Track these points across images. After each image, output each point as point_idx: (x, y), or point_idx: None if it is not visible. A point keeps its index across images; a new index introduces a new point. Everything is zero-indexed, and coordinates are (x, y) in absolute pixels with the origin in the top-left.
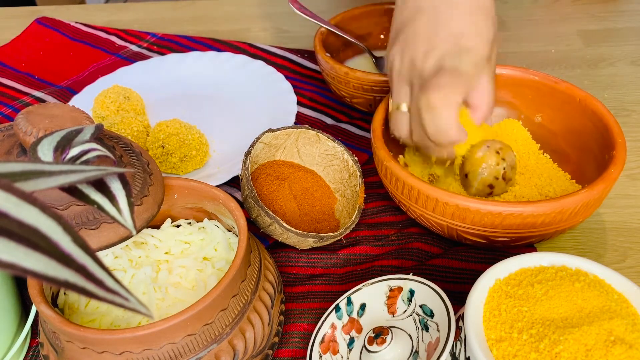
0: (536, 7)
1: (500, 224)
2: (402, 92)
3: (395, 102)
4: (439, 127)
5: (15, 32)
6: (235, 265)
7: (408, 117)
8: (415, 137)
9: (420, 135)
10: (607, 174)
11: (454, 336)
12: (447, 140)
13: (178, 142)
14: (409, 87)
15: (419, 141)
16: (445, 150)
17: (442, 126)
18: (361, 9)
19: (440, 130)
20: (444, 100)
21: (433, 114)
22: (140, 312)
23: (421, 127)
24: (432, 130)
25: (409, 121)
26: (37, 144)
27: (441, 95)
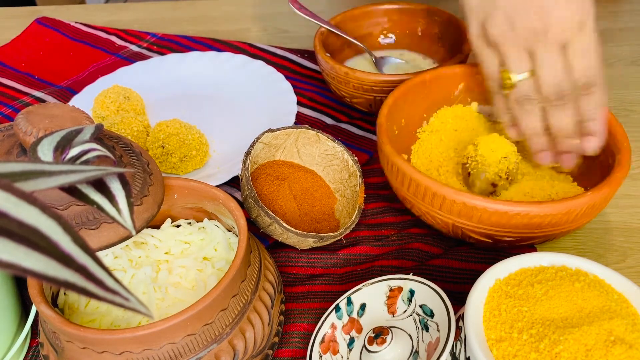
0: None
1: (506, 224)
2: (524, 59)
3: (516, 71)
4: (595, 58)
5: (15, 32)
6: (235, 265)
7: (534, 81)
8: (555, 90)
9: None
10: (612, 177)
11: (454, 336)
12: (597, 76)
13: (178, 142)
14: (529, 54)
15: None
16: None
17: (596, 57)
18: (361, 9)
19: (597, 63)
20: (594, 45)
21: (589, 49)
22: (140, 311)
23: (565, 74)
24: (589, 63)
25: (534, 86)
26: (37, 144)
27: (592, 43)
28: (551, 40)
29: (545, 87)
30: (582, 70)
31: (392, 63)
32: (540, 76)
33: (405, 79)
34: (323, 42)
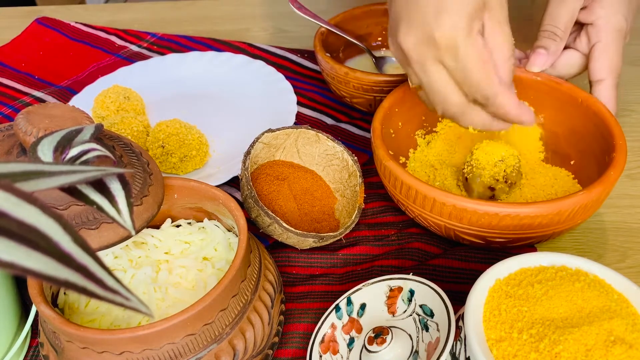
0: (536, 7)
1: (497, 225)
2: (412, 76)
3: (413, 84)
4: (478, 71)
5: (15, 32)
6: (235, 265)
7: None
8: (440, 109)
9: (446, 102)
10: (606, 176)
11: (454, 336)
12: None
13: (178, 142)
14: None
15: (445, 113)
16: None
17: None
18: (361, 9)
19: (483, 75)
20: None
21: (465, 65)
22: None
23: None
24: (475, 78)
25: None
26: (37, 144)
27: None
28: (417, 59)
29: (431, 104)
30: (468, 87)
31: (392, 63)
32: (428, 94)
33: (405, 79)
34: (323, 42)
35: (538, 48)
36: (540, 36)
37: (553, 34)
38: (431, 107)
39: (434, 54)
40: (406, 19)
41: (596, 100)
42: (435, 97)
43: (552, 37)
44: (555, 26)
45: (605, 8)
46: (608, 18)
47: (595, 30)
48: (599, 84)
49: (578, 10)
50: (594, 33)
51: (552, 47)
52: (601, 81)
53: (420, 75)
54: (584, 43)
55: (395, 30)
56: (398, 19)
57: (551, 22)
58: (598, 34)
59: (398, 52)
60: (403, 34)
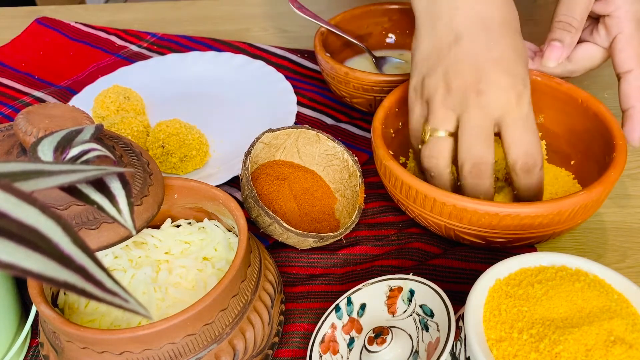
0: (536, 7)
1: (497, 225)
2: (448, 118)
3: (433, 127)
4: (530, 148)
5: (15, 32)
6: (235, 265)
7: (451, 143)
8: (469, 165)
9: (479, 160)
10: (606, 176)
11: (454, 336)
12: (538, 161)
13: (178, 142)
14: (456, 116)
15: (473, 170)
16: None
17: (534, 148)
18: (361, 9)
19: (536, 150)
20: (531, 120)
21: (528, 123)
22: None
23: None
24: (522, 153)
25: (452, 148)
26: (37, 144)
27: (530, 119)
28: (483, 105)
29: (461, 153)
30: (522, 148)
31: (392, 63)
32: (460, 139)
33: (405, 79)
34: (323, 42)
35: (553, 41)
36: (555, 28)
37: (568, 25)
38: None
39: (497, 108)
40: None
41: (596, 100)
42: (470, 146)
43: (568, 28)
44: (571, 16)
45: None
46: (628, 8)
47: (615, 21)
48: (628, 74)
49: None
50: (614, 24)
51: (567, 39)
52: (630, 72)
53: (465, 120)
54: (603, 36)
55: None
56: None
57: (566, 12)
58: (619, 25)
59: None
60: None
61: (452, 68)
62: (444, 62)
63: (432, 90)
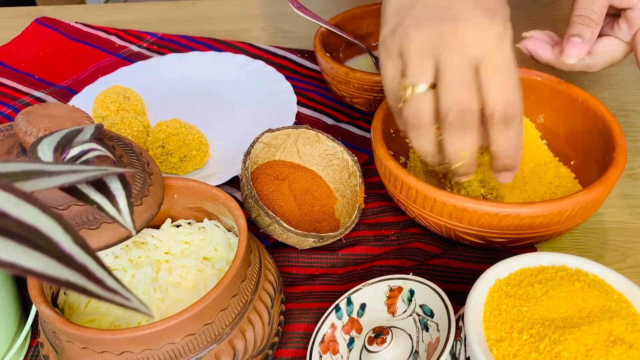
0: (536, 7)
1: (497, 225)
2: (425, 68)
3: (412, 82)
4: (510, 95)
5: (15, 32)
6: (235, 265)
7: (432, 98)
8: (454, 114)
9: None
10: (606, 176)
11: (454, 336)
12: (518, 111)
13: (178, 142)
14: (433, 64)
15: (458, 119)
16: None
17: (514, 95)
18: (361, 9)
19: (516, 98)
20: (513, 64)
21: (508, 70)
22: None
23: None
24: (501, 99)
25: (434, 104)
26: (37, 144)
27: (511, 63)
28: (460, 49)
29: (443, 103)
30: (501, 95)
31: None
32: (440, 89)
33: None
34: (323, 42)
35: (572, 37)
36: (574, 22)
37: (588, 19)
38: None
39: (475, 50)
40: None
41: (596, 101)
42: (453, 96)
43: (588, 22)
44: (590, 10)
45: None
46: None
47: (637, 13)
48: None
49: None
50: (637, 17)
51: (587, 34)
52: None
53: (444, 68)
54: (624, 29)
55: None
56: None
57: (586, 5)
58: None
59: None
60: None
61: (425, 12)
62: (416, 8)
63: (405, 40)
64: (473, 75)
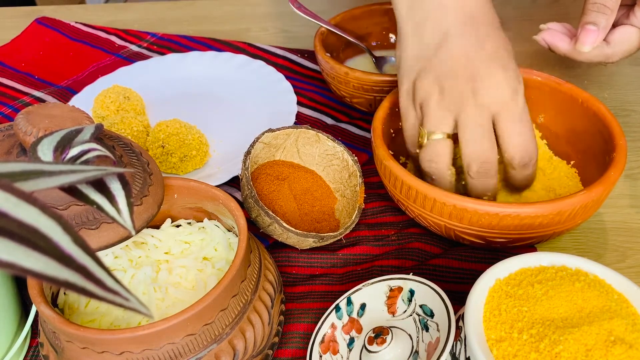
0: (536, 7)
1: (497, 225)
2: (444, 119)
3: (430, 130)
4: (527, 144)
5: (15, 32)
6: (235, 265)
7: (450, 145)
8: (476, 165)
9: (485, 159)
10: (606, 176)
11: (454, 336)
12: (534, 155)
13: (178, 142)
14: (453, 117)
15: (481, 169)
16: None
17: (531, 143)
18: (361, 9)
19: (532, 145)
20: (527, 115)
21: (523, 119)
22: (141, 311)
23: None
24: (520, 148)
25: (452, 150)
26: (37, 144)
27: (525, 113)
28: (480, 104)
29: (467, 155)
30: (519, 144)
31: (392, 63)
32: (463, 142)
33: None
34: (323, 42)
35: (587, 25)
36: (588, 10)
37: (603, 7)
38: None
39: (493, 104)
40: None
41: (596, 101)
42: (476, 149)
43: (603, 10)
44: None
45: None
46: None
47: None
48: None
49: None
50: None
51: (602, 22)
52: None
53: (466, 122)
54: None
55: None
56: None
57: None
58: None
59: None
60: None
61: (444, 68)
62: (434, 63)
63: (425, 93)
64: (491, 127)
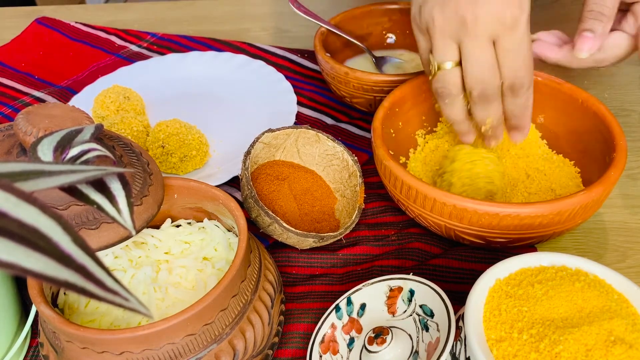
0: (536, 7)
1: (497, 225)
2: (449, 49)
3: (438, 61)
4: (520, 67)
5: (15, 32)
6: (235, 265)
7: (458, 71)
8: (477, 90)
9: (486, 85)
10: (606, 176)
11: (454, 336)
12: (526, 81)
13: (178, 142)
14: (456, 44)
15: (481, 93)
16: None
17: (528, 57)
18: (361, 9)
19: (528, 63)
20: (526, 43)
21: (520, 48)
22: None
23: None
24: (512, 72)
25: (460, 77)
26: (37, 144)
27: (524, 41)
28: (479, 33)
29: (468, 82)
30: (511, 71)
31: (392, 63)
32: (465, 69)
33: (405, 79)
34: (323, 42)
35: (584, 31)
36: (585, 17)
37: (600, 14)
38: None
39: (492, 31)
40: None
41: (596, 101)
42: (476, 76)
43: (599, 17)
44: (602, 4)
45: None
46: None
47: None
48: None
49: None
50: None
51: (599, 29)
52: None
53: (467, 51)
54: (631, 23)
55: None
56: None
57: (598, 0)
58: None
59: (446, 20)
60: (458, 6)
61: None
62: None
63: (429, 20)
64: (491, 51)
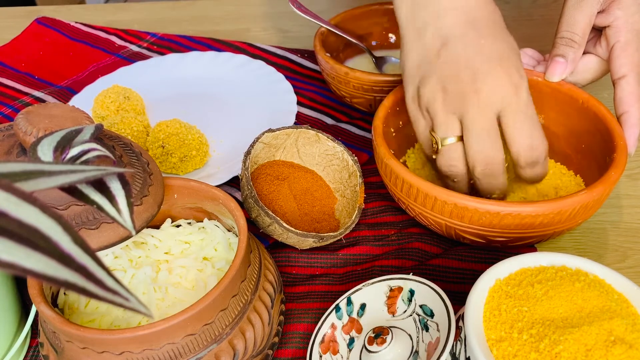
0: (536, 7)
1: (498, 224)
2: (451, 122)
3: (441, 136)
4: (533, 140)
5: (15, 32)
6: (235, 265)
7: (461, 147)
8: (481, 166)
9: (490, 160)
10: (606, 176)
11: (454, 336)
12: (543, 153)
13: (178, 142)
14: (458, 118)
15: (485, 170)
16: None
17: (537, 139)
18: (361, 9)
19: (539, 142)
20: (532, 110)
21: (528, 125)
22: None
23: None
24: (525, 146)
25: (463, 152)
26: (37, 144)
27: (530, 108)
28: (482, 105)
29: (471, 155)
30: (522, 143)
31: (392, 63)
32: (467, 142)
33: None
34: (323, 42)
35: (556, 57)
36: (558, 44)
37: (570, 41)
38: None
39: (496, 102)
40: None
41: (596, 101)
42: (479, 149)
43: (570, 44)
44: (572, 32)
45: (623, 9)
46: (626, 18)
47: (613, 31)
48: (621, 80)
49: (595, 14)
50: (613, 34)
51: (570, 54)
52: (623, 77)
53: (469, 122)
54: (604, 47)
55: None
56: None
57: (568, 28)
58: (616, 35)
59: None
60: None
61: (446, 72)
62: (436, 68)
63: (430, 99)
64: (495, 126)
